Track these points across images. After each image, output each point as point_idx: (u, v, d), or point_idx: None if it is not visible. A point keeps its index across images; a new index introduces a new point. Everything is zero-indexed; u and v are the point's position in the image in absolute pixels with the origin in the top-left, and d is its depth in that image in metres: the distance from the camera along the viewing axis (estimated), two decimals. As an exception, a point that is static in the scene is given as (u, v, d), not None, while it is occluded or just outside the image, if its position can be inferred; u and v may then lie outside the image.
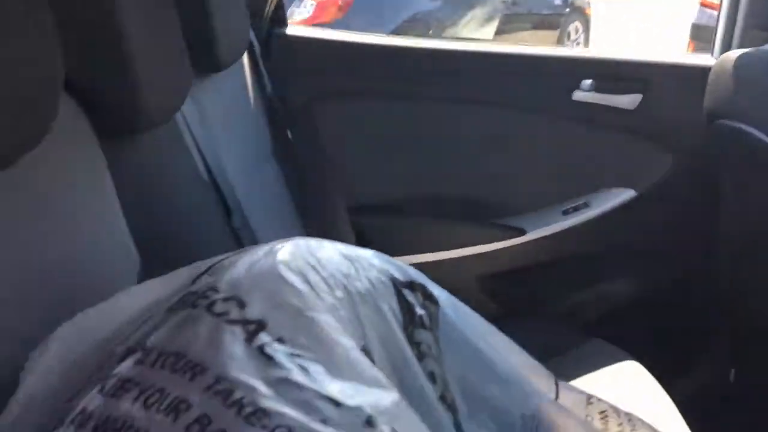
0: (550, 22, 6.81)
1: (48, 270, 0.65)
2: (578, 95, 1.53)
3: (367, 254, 0.61)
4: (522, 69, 1.59)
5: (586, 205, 1.59)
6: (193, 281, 0.55)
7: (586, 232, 1.59)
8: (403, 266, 0.64)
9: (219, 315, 0.49)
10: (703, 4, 5.13)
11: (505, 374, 0.67)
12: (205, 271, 0.56)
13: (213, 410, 0.43)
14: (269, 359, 0.46)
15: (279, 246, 0.56)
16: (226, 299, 0.50)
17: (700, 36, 4.83)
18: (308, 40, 1.63)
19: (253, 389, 0.44)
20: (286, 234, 0.68)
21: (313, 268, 0.53)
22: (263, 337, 0.47)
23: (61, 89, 0.66)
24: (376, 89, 1.58)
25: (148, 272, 0.74)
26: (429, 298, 0.63)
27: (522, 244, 1.59)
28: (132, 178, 0.82)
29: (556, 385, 0.74)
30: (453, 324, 0.65)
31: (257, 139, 1.39)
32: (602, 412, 0.74)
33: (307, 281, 0.51)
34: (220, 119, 1.15)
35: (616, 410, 0.75)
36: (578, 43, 7.51)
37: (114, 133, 0.81)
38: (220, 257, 0.58)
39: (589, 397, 0.75)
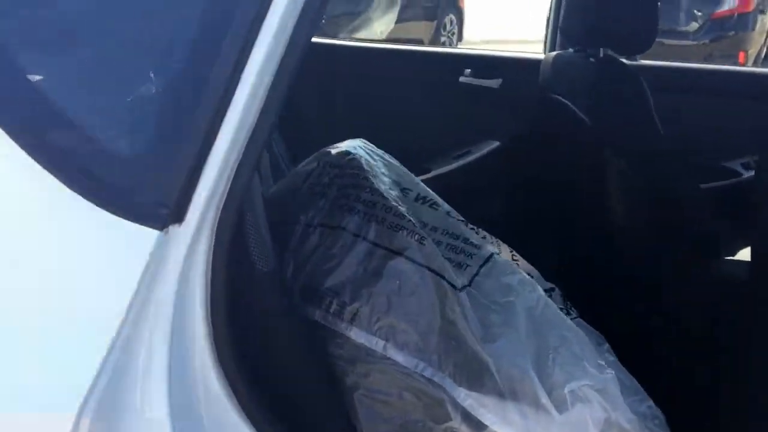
0: (433, 14, 7.60)
1: None
2: (463, 79, 2.37)
3: None
4: (429, 61, 2.42)
5: (469, 152, 2.44)
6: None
7: (469, 170, 2.43)
8: None
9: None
10: (556, 0, 6.10)
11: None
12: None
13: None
14: None
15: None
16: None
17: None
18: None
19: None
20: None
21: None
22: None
23: None
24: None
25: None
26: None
27: (428, 178, 2.41)
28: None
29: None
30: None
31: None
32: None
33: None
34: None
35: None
36: (453, 34, 8.32)
37: None
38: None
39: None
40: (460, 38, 8.13)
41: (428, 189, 1.28)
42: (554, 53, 2.15)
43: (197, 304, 0.81)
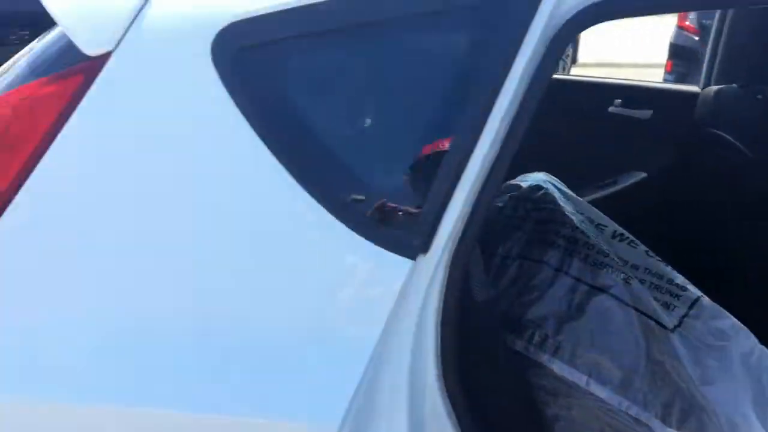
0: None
1: None
2: (612, 109, 2.36)
3: None
4: (579, 90, 2.43)
5: (615, 182, 2.42)
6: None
7: (614, 200, 2.41)
8: None
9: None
10: (680, 26, 5.91)
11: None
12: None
13: None
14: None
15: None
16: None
17: (677, 54, 5.56)
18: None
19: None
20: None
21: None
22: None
23: None
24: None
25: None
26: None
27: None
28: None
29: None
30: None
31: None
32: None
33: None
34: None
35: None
36: (567, 56, 8.24)
37: None
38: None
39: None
40: (574, 60, 8.02)
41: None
42: (715, 87, 2.12)
43: (430, 330, 0.88)
